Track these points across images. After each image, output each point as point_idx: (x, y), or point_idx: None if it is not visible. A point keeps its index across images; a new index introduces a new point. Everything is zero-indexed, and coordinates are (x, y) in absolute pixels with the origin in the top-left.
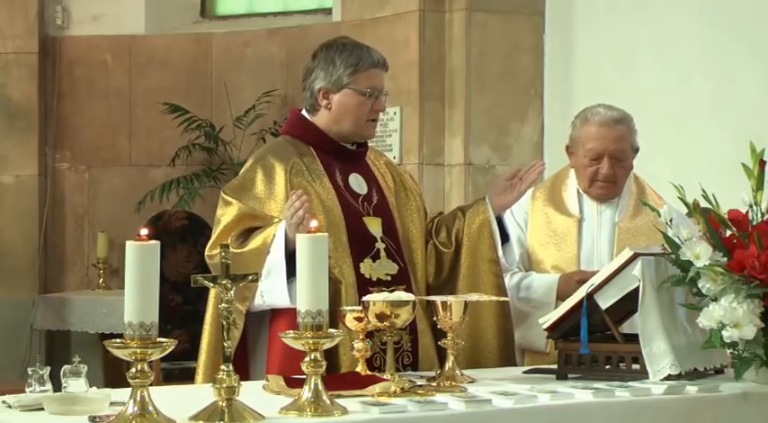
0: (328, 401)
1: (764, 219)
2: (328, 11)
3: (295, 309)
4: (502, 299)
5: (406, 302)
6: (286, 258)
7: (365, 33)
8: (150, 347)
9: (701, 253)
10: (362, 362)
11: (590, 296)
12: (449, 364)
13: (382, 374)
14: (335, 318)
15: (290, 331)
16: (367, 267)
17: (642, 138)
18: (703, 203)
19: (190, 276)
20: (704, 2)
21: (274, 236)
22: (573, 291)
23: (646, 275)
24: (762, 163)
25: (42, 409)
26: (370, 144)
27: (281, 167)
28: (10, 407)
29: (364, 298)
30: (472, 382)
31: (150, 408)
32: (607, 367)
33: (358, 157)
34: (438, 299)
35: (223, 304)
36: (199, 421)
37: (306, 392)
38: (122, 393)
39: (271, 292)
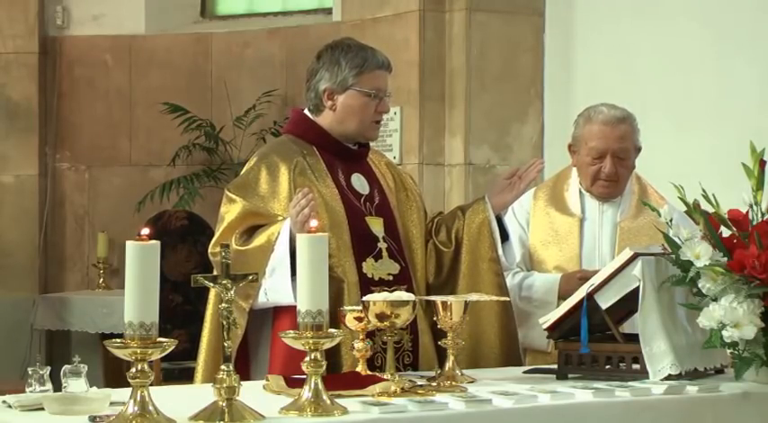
0: (328, 401)
1: (764, 219)
2: (328, 11)
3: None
4: (502, 299)
5: (406, 302)
6: (291, 256)
7: (365, 33)
8: (150, 347)
9: (701, 253)
10: (363, 362)
11: (590, 296)
12: (449, 364)
13: (382, 374)
14: (337, 317)
15: (291, 331)
16: (369, 267)
17: (643, 137)
18: (703, 203)
19: (190, 276)
20: (704, 2)
21: (279, 233)
22: (574, 289)
23: (646, 275)
24: (762, 163)
25: (42, 409)
26: (371, 144)
27: (284, 166)
28: (10, 407)
29: (364, 298)
30: (472, 382)
31: (150, 408)
32: (607, 367)
33: (360, 158)
34: (438, 299)
35: (223, 304)
36: (199, 421)
37: (306, 392)
38: (122, 393)
39: (275, 289)
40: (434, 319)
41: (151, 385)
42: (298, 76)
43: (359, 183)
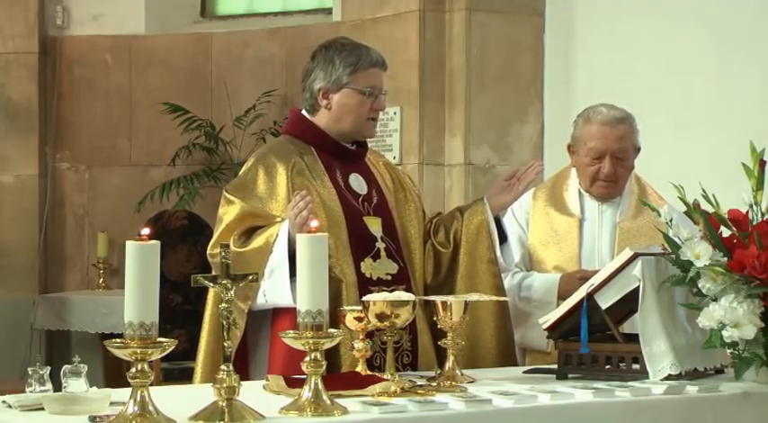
0: (328, 401)
1: (764, 219)
2: (328, 11)
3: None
4: (502, 299)
5: (406, 302)
6: (289, 258)
7: (365, 33)
8: (150, 347)
9: (701, 253)
10: (362, 362)
11: (590, 296)
12: (449, 364)
13: (382, 374)
14: (336, 317)
15: (290, 331)
16: (367, 267)
17: (642, 138)
18: (703, 203)
19: (190, 276)
20: (704, 2)
21: (277, 235)
22: (574, 289)
23: (646, 275)
24: (762, 163)
25: (42, 409)
26: (370, 144)
27: (282, 167)
28: (10, 407)
29: (364, 298)
30: (472, 382)
31: (150, 408)
32: (607, 367)
33: (358, 157)
34: (438, 299)
35: (223, 304)
36: (199, 421)
37: (306, 392)
38: (122, 393)
39: (274, 291)
40: (434, 319)
41: (151, 385)
42: (298, 76)
43: (357, 183)
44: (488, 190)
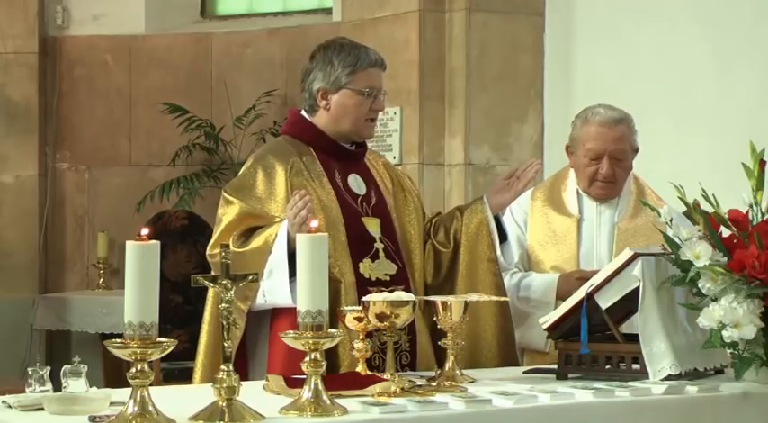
0: (328, 401)
1: (764, 219)
2: (328, 11)
3: (296, 308)
4: (502, 299)
5: (406, 302)
6: (288, 258)
7: (365, 33)
8: (150, 347)
9: (701, 253)
10: (362, 362)
11: (590, 296)
12: (449, 364)
13: (382, 374)
14: (335, 317)
15: (290, 331)
16: (366, 267)
17: (642, 138)
18: (703, 203)
19: (190, 276)
20: (704, 3)
21: (276, 235)
22: (573, 289)
23: (646, 275)
24: (762, 163)
25: (42, 409)
26: (370, 144)
27: (281, 167)
28: (10, 407)
29: (364, 298)
30: (472, 382)
31: (150, 408)
32: (607, 367)
33: (357, 158)
34: (438, 299)
35: (223, 304)
36: (199, 421)
37: (306, 392)
38: (122, 393)
39: (273, 291)
40: (434, 319)
41: (151, 385)
42: (297, 77)
43: (356, 183)
44: (488, 189)
